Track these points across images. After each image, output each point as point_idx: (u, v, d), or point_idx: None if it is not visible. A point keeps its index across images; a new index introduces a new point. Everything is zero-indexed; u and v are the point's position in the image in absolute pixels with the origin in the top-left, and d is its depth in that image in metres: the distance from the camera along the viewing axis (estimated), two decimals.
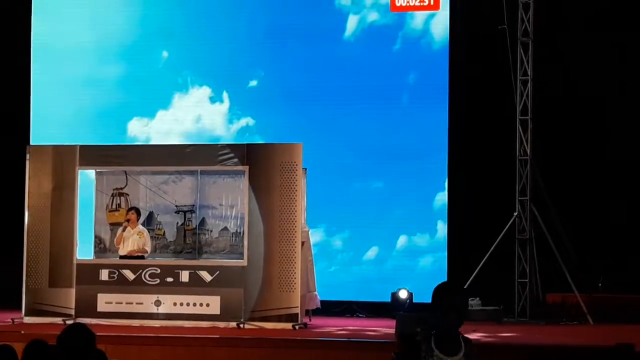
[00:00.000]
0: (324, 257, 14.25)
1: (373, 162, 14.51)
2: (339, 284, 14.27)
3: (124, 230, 12.36)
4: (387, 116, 14.55)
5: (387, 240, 14.51)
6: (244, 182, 12.07)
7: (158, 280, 12.06)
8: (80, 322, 9.04)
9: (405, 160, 14.38)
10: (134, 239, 12.33)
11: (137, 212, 12.41)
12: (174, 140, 15.05)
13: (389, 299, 13.67)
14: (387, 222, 14.44)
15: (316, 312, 12.83)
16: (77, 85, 15.44)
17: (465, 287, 13.48)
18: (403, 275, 14.20)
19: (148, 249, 12.36)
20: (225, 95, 15.19)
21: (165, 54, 15.34)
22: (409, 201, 14.41)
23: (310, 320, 12.33)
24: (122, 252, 12.38)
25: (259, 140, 14.70)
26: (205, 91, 15.24)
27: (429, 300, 4.89)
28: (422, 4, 14.47)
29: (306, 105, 14.78)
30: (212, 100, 15.23)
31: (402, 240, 14.48)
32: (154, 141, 15.15)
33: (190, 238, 12.53)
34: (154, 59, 15.38)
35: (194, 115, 15.28)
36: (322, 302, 12.94)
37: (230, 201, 12.41)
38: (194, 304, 11.94)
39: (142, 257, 12.31)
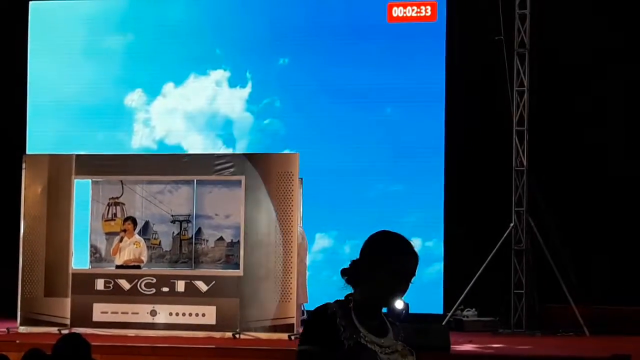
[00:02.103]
0: (331, 265, 14.26)
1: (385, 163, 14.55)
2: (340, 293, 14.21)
3: (120, 240, 12.36)
4: (383, 124, 14.56)
5: None
6: (240, 192, 12.06)
7: (154, 290, 12.04)
8: (76, 331, 9.03)
9: (411, 166, 14.42)
10: (130, 249, 12.33)
11: (134, 221, 12.41)
12: (178, 120, 15.07)
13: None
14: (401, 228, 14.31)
15: None
16: (78, 55, 15.45)
17: (461, 298, 13.55)
18: (424, 281, 14.08)
19: (144, 258, 12.35)
20: (242, 76, 15.13)
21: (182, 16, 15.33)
22: (426, 205, 14.40)
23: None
24: (118, 261, 12.36)
25: (279, 125, 14.80)
26: (223, 71, 15.19)
27: (426, 311, 4.60)
28: (418, 14, 14.50)
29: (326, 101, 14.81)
30: (230, 81, 15.15)
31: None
32: (153, 120, 15.21)
33: (186, 248, 12.51)
34: (168, 29, 15.33)
35: (205, 95, 15.26)
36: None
37: (226, 211, 12.39)
38: (190, 314, 11.92)
39: (139, 267, 12.29)
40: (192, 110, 15.33)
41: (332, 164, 14.44)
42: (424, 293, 13.92)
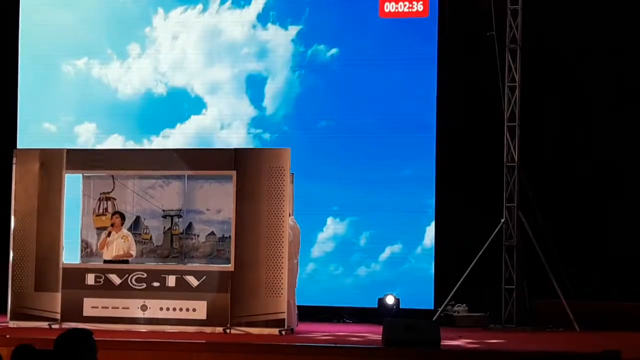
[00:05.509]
0: (340, 257, 14.28)
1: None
2: (343, 287, 14.27)
3: (108, 235, 12.33)
4: (375, 119, 14.55)
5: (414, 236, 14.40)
6: (231, 187, 12.05)
7: (144, 285, 12.03)
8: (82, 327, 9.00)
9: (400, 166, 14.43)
10: (118, 243, 12.30)
11: (122, 216, 12.39)
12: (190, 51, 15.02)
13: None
14: (393, 224, 14.37)
15: (305, 318, 12.83)
16: None
17: (451, 293, 13.58)
18: (416, 276, 14.09)
19: (133, 252, 12.33)
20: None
21: None
22: (418, 201, 14.39)
23: (296, 325, 12.32)
24: (106, 256, 12.34)
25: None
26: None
27: (417, 306, 4.67)
28: (410, 10, 14.49)
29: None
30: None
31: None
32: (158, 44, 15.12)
33: (177, 243, 12.49)
34: None
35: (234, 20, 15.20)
36: (314, 307, 13.00)
37: (217, 206, 12.38)
38: (180, 309, 11.91)
39: (127, 262, 12.27)
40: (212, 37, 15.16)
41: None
42: (414, 288, 13.97)
